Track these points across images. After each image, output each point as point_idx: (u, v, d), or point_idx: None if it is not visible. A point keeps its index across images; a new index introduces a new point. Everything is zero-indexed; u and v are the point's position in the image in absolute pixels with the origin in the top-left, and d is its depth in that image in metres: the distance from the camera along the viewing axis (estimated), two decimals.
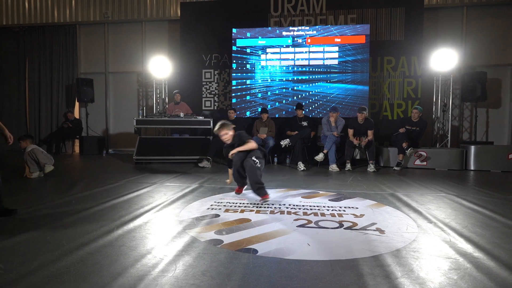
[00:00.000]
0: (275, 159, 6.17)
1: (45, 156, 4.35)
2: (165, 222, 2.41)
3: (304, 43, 6.69)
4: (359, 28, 6.51)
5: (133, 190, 3.53)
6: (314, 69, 6.69)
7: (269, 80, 6.85)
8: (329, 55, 6.64)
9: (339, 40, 6.56)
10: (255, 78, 6.88)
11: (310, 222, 2.43)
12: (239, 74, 6.91)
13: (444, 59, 6.31)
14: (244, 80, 6.91)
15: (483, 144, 6.13)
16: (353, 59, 6.53)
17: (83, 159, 6.78)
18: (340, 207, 2.89)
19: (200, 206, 2.87)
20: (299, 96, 6.74)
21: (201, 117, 6.18)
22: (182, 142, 6.27)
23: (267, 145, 5.91)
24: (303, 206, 2.92)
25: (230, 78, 7.18)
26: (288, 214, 2.63)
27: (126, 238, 2.03)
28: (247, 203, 2.99)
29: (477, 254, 1.83)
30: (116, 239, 2.01)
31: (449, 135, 6.57)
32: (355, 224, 2.39)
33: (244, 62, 6.87)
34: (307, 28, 6.72)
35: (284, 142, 5.58)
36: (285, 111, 6.79)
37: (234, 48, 6.86)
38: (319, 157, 5.39)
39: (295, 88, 6.78)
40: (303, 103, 6.35)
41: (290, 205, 2.95)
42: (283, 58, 6.79)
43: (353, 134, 5.52)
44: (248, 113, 6.89)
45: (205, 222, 2.40)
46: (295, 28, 6.74)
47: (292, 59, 6.76)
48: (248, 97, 6.90)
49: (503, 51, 6.94)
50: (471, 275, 1.56)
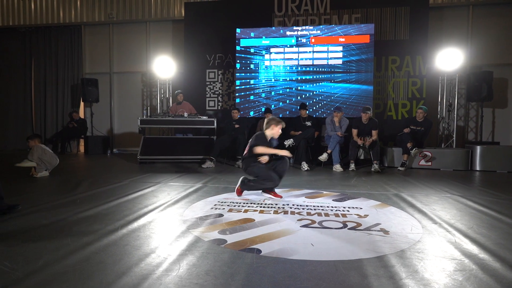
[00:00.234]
0: None
1: (47, 160, 4.34)
2: (169, 221, 2.42)
3: (308, 42, 6.67)
4: (363, 27, 6.48)
5: (137, 189, 3.55)
6: (318, 69, 6.67)
7: (273, 80, 6.84)
8: (333, 54, 6.61)
9: (343, 39, 6.54)
10: (259, 78, 6.88)
11: (314, 222, 2.42)
12: (243, 74, 6.91)
13: (449, 59, 6.25)
14: (248, 80, 6.90)
15: (489, 144, 6.07)
16: (358, 59, 6.50)
17: (88, 159, 6.82)
18: (344, 207, 2.88)
19: (204, 206, 2.87)
20: (303, 96, 6.72)
21: (205, 117, 6.20)
22: (186, 142, 6.29)
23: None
24: (306, 206, 2.92)
25: (234, 78, 7.18)
26: (291, 214, 2.63)
27: (130, 237, 2.05)
28: (251, 203, 2.99)
29: (482, 255, 1.82)
30: (120, 238, 2.03)
31: (454, 135, 6.52)
32: (359, 224, 2.38)
33: (248, 62, 6.87)
34: (311, 27, 6.70)
35: (288, 142, 5.57)
36: (289, 111, 6.78)
37: (238, 48, 6.86)
38: (323, 157, 5.38)
39: (299, 88, 6.77)
40: (307, 103, 6.34)
41: (293, 205, 2.95)
42: (287, 58, 6.78)
43: (357, 134, 5.50)
44: (251, 113, 6.89)
45: (209, 221, 2.41)
46: (299, 28, 6.73)
47: (296, 59, 6.74)
48: (252, 97, 6.90)
49: (510, 50, 6.86)
50: (476, 277, 1.55)
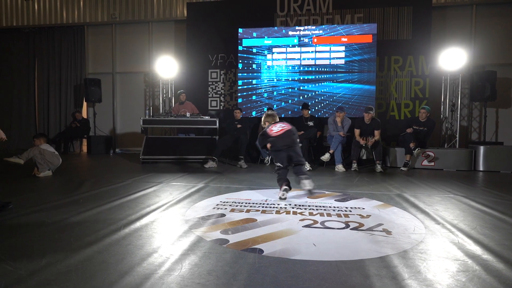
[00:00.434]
0: None
1: (48, 160, 4.36)
2: (171, 221, 2.42)
3: (310, 42, 6.66)
4: (366, 27, 6.46)
5: (140, 189, 3.56)
6: (320, 69, 6.66)
7: (275, 80, 6.84)
8: (335, 54, 6.60)
9: (345, 39, 6.52)
10: (261, 78, 6.88)
11: (316, 222, 2.42)
12: (245, 74, 6.91)
13: (452, 58, 6.23)
14: (250, 80, 6.90)
15: (493, 144, 6.04)
16: (360, 59, 6.48)
17: (91, 159, 6.85)
18: (347, 208, 2.87)
19: (206, 206, 2.88)
20: (305, 96, 6.71)
21: (207, 117, 6.20)
22: (188, 142, 6.30)
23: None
24: (309, 206, 2.91)
25: (236, 78, 7.18)
26: (294, 214, 2.63)
27: (132, 237, 2.05)
28: (253, 203, 2.99)
29: (486, 256, 1.81)
30: (123, 238, 2.03)
31: (457, 135, 6.48)
32: (361, 224, 2.37)
33: (250, 62, 6.87)
34: (314, 27, 6.69)
35: None
36: (291, 111, 6.77)
37: (240, 48, 6.86)
38: (325, 157, 5.37)
39: (301, 88, 6.76)
40: (309, 103, 6.33)
41: (296, 205, 2.94)
42: (289, 58, 6.77)
43: (359, 134, 5.49)
44: (254, 113, 6.89)
45: (211, 221, 2.41)
46: (301, 28, 6.72)
47: (298, 59, 6.74)
48: (254, 97, 6.90)
49: None
50: (480, 278, 1.54)
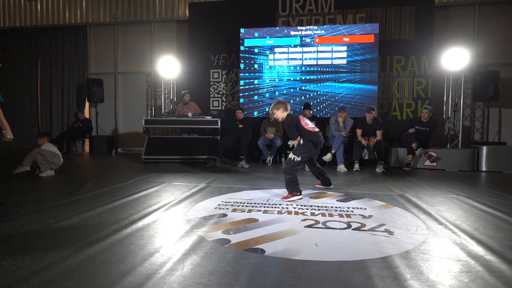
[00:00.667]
0: (283, 159, 6.15)
1: (49, 160, 4.36)
2: (173, 221, 2.42)
3: (312, 42, 6.65)
4: (368, 27, 6.45)
5: (142, 189, 3.56)
6: (322, 69, 6.65)
7: (277, 80, 6.83)
8: (337, 54, 6.58)
9: (347, 39, 6.51)
10: (263, 78, 6.87)
11: (318, 222, 2.42)
12: (247, 74, 6.91)
13: (455, 58, 6.19)
14: (252, 80, 6.90)
15: (496, 144, 6.01)
16: (362, 59, 6.47)
17: (93, 158, 6.87)
18: (348, 208, 2.87)
19: (208, 206, 2.88)
20: (307, 96, 6.70)
21: (209, 117, 6.21)
22: (190, 142, 6.30)
23: (274, 145, 5.90)
24: (310, 206, 2.91)
25: (238, 78, 7.19)
26: (295, 214, 2.63)
27: (134, 236, 2.06)
28: (255, 203, 2.99)
29: (489, 256, 1.80)
30: (125, 237, 2.04)
31: (460, 136, 6.45)
32: (363, 225, 2.37)
33: (252, 62, 6.87)
34: (315, 27, 6.68)
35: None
36: (293, 111, 6.70)
37: (242, 48, 6.86)
38: (327, 157, 5.36)
39: (303, 88, 6.75)
40: (311, 103, 6.32)
41: (297, 205, 2.94)
42: (291, 58, 6.76)
43: (361, 134, 5.48)
44: (255, 113, 6.89)
45: (213, 221, 2.41)
46: (303, 28, 6.71)
47: (300, 59, 6.73)
48: (256, 97, 6.90)
49: None
50: (482, 278, 1.53)
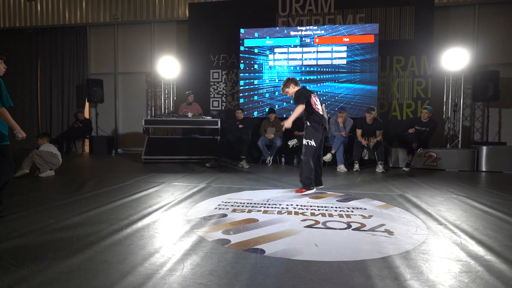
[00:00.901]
0: (283, 159, 6.16)
1: (47, 161, 4.35)
2: (173, 221, 2.42)
3: (312, 43, 6.65)
4: (368, 27, 6.45)
5: (142, 189, 3.56)
6: (322, 69, 6.65)
7: (276, 80, 6.83)
8: (337, 54, 6.58)
9: (347, 39, 6.51)
10: (263, 78, 6.87)
11: (317, 222, 2.42)
12: (247, 74, 6.91)
13: (455, 58, 6.19)
14: (252, 80, 6.90)
15: (495, 144, 6.01)
16: (362, 59, 6.47)
17: (93, 159, 6.87)
18: (348, 208, 2.87)
19: (208, 206, 2.88)
20: None
21: (209, 117, 6.21)
22: (190, 142, 6.30)
23: (274, 145, 5.90)
24: (310, 206, 2.91)
25: (238, 78, 7.19)
26: (295, 215, 2.62)
27: (134, 237, 2.06)
28: (255, 203, 2.99)
29: (489, 257, 1.80)
30: (125, 237, 2.04)
31: (460, 136, 6.45)
32: (363, 225, 2.37)
33: (252, 62, 6.87)
34: (315, 27, 6.68)
35: (292, 143, 5.55)
36: (293, 111, 6.74)
37: (242, 48, 6.86)
38: (327, 157, 5.36)
39: None
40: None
41: (297, 205, 2.94)
42: (291, 58, 6.76)
43: (361, 134, 5.48)
44: (255, 113, 6.89)
45: (213, 221, 2.41)
46: (303, 28, 6.71)
47: (300, 59, 6.73)
48: (255, 97, 6.90)
49: None
50: (482, 278, 1.54)
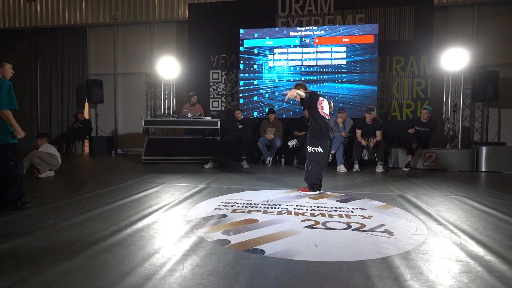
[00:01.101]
0: (283, 160, 6.15)
1: (46, 161, 4.33)
2: (173, 222, 2.42)
3: (311, 43, 6.66)
4: (367, 27, 6.46)
5: (141, 190, 3.56)
6: (322, 69, 6.65)
7: (276, 81, 6.84)
8: (337, 55, 6.59)
9: (347, 40, 6.51)
10: (263, 78, 6.88)
11: (317, 223, 2.41)
12: (247, 75, 6.91)
13: (454, 59, 6.20)
14: (252, 81, 6.90)
15: (495, 145, 6.01)
16: (362, 59, 6.47)
17: (93, 159, 6.86)
18: (348, 208, 2.87)
19: (208, 206, 2.88)
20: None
21: (208, 118, 6.21)
22: (189, 143, 6.30)
23: (274, 146, 5.90)
24: (310, 207, 2.91)
25: (238, 79, 7.19)
26: (295, 215, 2.62)
27: (134, 237, 2.05)
28: (255, 204, 2.99)
29: (488, 257, 1.80)
30: (124, 238, 2.03)
31: (459, 136, 6.46)
32: (363, 225, 2.37)
33: (252, 62, 6.87)
34: (315, 28, 6.69)
35: (292, 143, 5.56)
36: (293, 111, 6.77)
37: (241, 48, 6.86)
38: None
39: None
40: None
41: (297, 205, 2.94)
42: (291, 59, 6.76)
43: (361, 135, 5.48)
44: (255, 114, 6.89)
45: (213, 222, 2.41)
46: (303, 28, 6.72)
47: (299, 59, 6.73)
48: (255, 98, 6.90)
49: None
50: (482, 279, 1.54)
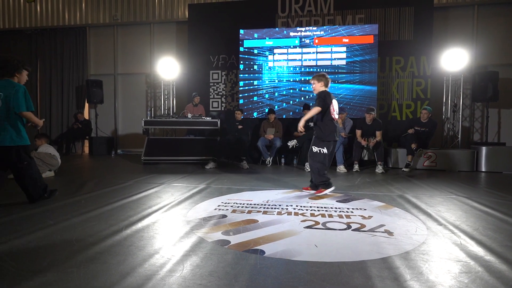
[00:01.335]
0: (282, 160, 6.15)
1: (45, 162, 4.33)
2: (173, 222, 2.42)
3: (311, 43, 6.66)
4: (367, 28, 6.46)
5: (141, 190, 3.56)
6: (321, 70, 6.65)
7: (276, 81, 6.84)
8: (336, 55, 6.59)
9: (347, 40, 6.52)
10: (263, 79, 6.88)
11: (317, 223, 2.41)
12: (247, 75, 6.91)
13: (454, 59, 6.21)
14: (252, 81, 6.91)
15: (495, 145, 6.01)
16: (361, 59, 6.48)
17: (92, 160, 6.86)
18: (348, 209, 2.87)
19: (208, 207, 2.88)
20: (307, 97, 6.71)
21: (208, 118, 6.21)
22: (189, 143, 6.30)
23: (274, 146, 5.90)
24: (310, 207, 2.91)
25: (238, 79, 7.19)
26: (295, 215, 2.62)
27: (134, 238, 2.05)
28: (254, 204, 2.99)
29: (488, 257, 1.80)
30: (124, 238, 2.03)
31: (459, 136, 6.46)
32: (363, 225, 2.37)
33: (252, 63, 6.87)
34: (315, 28, 6.69)
35: (291, 143, 5.56)
36: (293, 111, 6.77)
37: (241, 49, 6.87)
38: None
39: (302, 88, 6.76)
40: (311, 104, 6.32)
41: (297, 206, 2.94)
42: (291, 59, 6.77)
43: (361, 135, 5.48)
44: (255, 114, 6.89)
45: (212, 222, 2.41)
46: (303, 29, 6.72)
47: (299, 60, 6.74)
48: (255, 98, 6.90)
49: None
50: (482, 279, 1.53)
